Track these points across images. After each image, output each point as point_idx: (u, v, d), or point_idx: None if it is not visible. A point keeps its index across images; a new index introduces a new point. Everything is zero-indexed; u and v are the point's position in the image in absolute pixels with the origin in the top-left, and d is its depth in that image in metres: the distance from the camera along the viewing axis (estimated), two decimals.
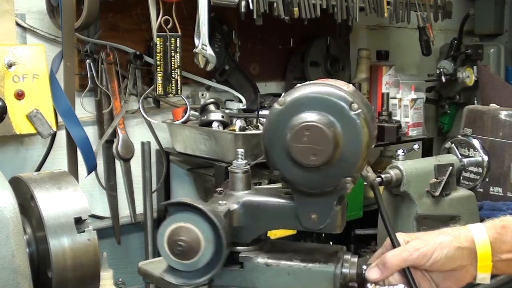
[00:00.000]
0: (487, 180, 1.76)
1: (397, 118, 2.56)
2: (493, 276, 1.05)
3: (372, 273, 1.02)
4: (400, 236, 1.07)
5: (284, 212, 1.03)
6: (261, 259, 1.04)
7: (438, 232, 1.05)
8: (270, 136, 0.98)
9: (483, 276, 1.03)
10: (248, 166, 1.08)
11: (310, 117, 0.95)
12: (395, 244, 1.04)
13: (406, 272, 1.02)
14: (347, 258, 1.05)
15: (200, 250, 0.96)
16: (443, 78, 2.98)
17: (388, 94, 2.59)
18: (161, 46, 2.00)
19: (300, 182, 0.99)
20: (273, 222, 1.05)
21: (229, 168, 1.09)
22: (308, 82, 1.01)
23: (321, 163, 0.94)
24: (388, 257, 1.02)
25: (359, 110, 0.94)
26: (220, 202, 1.03)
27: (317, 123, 0.94)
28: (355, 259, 1.05)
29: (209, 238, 0.95)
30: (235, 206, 1.04)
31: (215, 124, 2.07)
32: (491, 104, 1.91)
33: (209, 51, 2.01)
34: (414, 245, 1.02)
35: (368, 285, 1.02)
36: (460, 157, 1.67)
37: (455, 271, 1.03)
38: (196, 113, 2.19)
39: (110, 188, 2.20)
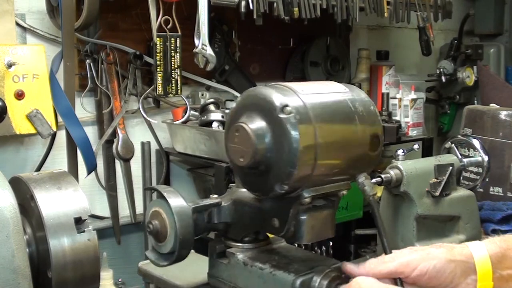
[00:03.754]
0: (487, 180, 1.76)
1: (397, 118, 2.56)
2: None
3: (349, 265, 0.96)
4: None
5: (258, 214, 1.03)
6: (241, 257, 1.04)
7: (431, 245, 0.96)
8: (225, 137, 0.99)
9: None
10: None
11: (245, 118, 0.94)
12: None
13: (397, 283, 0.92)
14: (323, 273, 0.97)
15: (167, 235, 0.99)
16: (443, 78, 2.98)
17: (388, 94, 2.59)
18: (161, 46, 2.00)
19: (245, 184, 0.99)
20: (252, 224, 1.05)
21: None
22: (271, 84, 0.99)
23: (247, 165, 0.92)
24: (370, 261, 0.94)
25: (291, 114, 0.89)
26: (212, 196, 1.05)
27: (245, 124, 0.92)
28: (331, 275, 0.96)
29: (173, 225, 0.98)
30: (227, 202, 1.05)
31: (215, 124, 2.06)
32: (491, 104, 1.91)
33: (209, 51, 2.01)
34: (399, 253, 0.94)
35: None
36: (460, 157, 1.67)
37: None
38: (196, 113, 2.19)
39: (110, 188, 2.20)
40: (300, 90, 0.94)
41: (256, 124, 0.92)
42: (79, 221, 0.95)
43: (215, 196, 1.07)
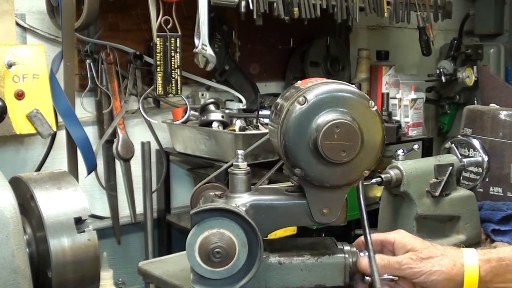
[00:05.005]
0: (487, 180, 1.76)
1: (397, 118, 2.56)
2: None
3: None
4: (405, 236, 1.13)
5: (295, 209, 1.05)
6: (273, 259, 1.05)
7: (440, 251, 1.09)
8: (293, 135, 0.99)
9: None
10: (248, 168, 1.08)
11: (336, 115, 0.98)
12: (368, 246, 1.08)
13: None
14: (348, 249, 1.08)
15: (235, 255, 0.96)
16: (443, 78, 2.98)
17: (388, 94, 2.59)
18: (161, 46, 2.00)
19: (324, 178, 1.02)
20: (284, 221, 1.07)
21: (229, 170, 1.09)
22: (320, 81, 1.04)
23: (350, 158, 0.99)
24: (382, 264, 1.07)
25: (376, 107, 1.00)
26: (233, 205, 1.03)
27: (347, 120, 0.98)
28: (354, 249, 1.09)
29: (244, 242, 0.96)
30: (244, 208, 1.04)
31: (215, 124, 2.07)
32: (491, 104, 1.91)
33: (209, 51, 2.01)
34: (410, 262, 1.07)
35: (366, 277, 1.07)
36: (460, 157, 1.66)
37: None
38: (196, 113, 2.19)
39: (110, 188, 2.20)
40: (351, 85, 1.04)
41: (352, 119, 0.99)
42: (79, 221, 0.95)
43: (235, 205, 1.03)
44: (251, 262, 0.98)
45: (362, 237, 1.12)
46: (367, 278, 1.06)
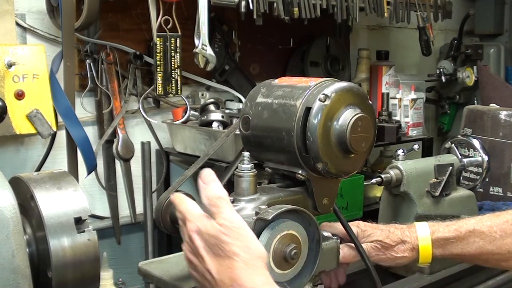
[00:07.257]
0: (487, 180, 1.76)
1: (397, 118, 2.56)
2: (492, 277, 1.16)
3: None
4: (367, 230, 1.26)
5: (301, 203, 1.08)
6: None
7: (399, 237, 1.24)
8: (319, 131, 1.03)
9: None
10: (254, 171, 1.09)
11: (355, 109, 1.05)
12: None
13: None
14: (328, 235, 1.16)
15: (300, 253, 0.99)
16: (443, 78, 2.98)
17: (388, 94, 2.59)
18: (161, 46, 2.00)
19: (343, 169, 1.08)
20: None
21: (236, 172, 1.10)
22: (322, 79, 1.09)
23: (367, 148, 1.07)
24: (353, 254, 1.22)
25: (370, 101, 1.09)
26: (262, 207, 1.03)
27: (365, 114, 1.06)
28: (330, 234, 1.17)
29: (306, 239, 0.99)
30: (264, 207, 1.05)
31: (215, 124, 2.07)
32: (491, 104, 1.91)
33: (209, 51, 2.01)
34: (376, 250, 1.24)
35: None
36: (460, 157, 1.67)
37: None
38: (196, 113, 2.19)
39: (110, 188, 2.20)
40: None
41: (363, 113, 1.06)
42: (79, 221, 0.95)
43: (263, 207, 1.03)
44: (311, 259, 1.01)
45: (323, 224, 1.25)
46: None
